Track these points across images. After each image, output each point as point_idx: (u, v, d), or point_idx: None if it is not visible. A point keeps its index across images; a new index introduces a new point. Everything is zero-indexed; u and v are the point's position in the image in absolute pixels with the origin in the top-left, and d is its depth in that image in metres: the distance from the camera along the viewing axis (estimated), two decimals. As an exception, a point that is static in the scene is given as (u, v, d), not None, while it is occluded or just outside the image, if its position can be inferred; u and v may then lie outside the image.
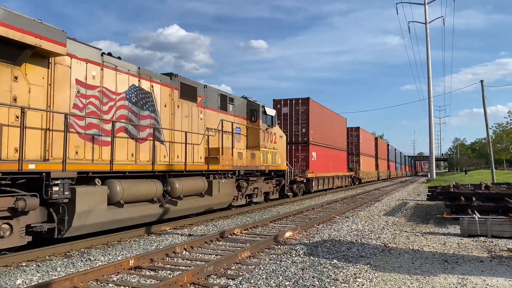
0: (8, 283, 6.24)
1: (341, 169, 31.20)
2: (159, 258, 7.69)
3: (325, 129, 27.07)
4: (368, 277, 6.40)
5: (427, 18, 54.74)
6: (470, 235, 10.12)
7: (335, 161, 29.69)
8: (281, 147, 19.48)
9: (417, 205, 18.85)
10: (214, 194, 13.39)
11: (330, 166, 27.76)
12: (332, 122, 29.39)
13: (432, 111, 54.14)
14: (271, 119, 18.34)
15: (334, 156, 29.31)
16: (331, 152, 28.47)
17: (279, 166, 18.73)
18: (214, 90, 14.84)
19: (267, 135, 17.75)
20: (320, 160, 25.33)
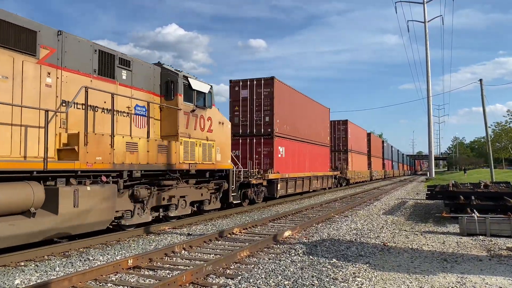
0: (6, 283, 6.22)
1: (322, 168, 26.17)
2: (158, 257, 7.68)
3: (298, 119, 21.96)
4: (367, 276, 6.40)
5: (426, 17, 54.75)
6: (469, 234, 10.13)
7: (314, 159, 24.66)
8: (222, 138, 14.17)
9: (416, 204, 18.86)
10: (64, 212, 8.09)
11: (305, 165, 22.85)
12: (309, 111, 24.30)
13: (431, 110, 54.23)
14: (203, 98, 13.07)
15: (312, 153, 24.22)
16: (307, 148, 23.42)
17: (219, 164, 13.75)
18: (84, 42, 9.54)
19: (195, 119, 12.57)
20: (291, 157, 20.43)
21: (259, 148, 18.60)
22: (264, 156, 18.51)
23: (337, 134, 34.77)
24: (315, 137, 25.21)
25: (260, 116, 18.80)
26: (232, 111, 19.21)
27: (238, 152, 18.30)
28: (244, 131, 18.97)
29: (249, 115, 18.94)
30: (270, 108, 18.67)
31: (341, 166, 33.50)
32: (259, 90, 18.89)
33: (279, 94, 19.24)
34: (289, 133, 20.46)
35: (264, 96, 18.85)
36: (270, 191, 18.25)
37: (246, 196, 16.50)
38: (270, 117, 18.63)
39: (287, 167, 19.84)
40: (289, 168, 20.05)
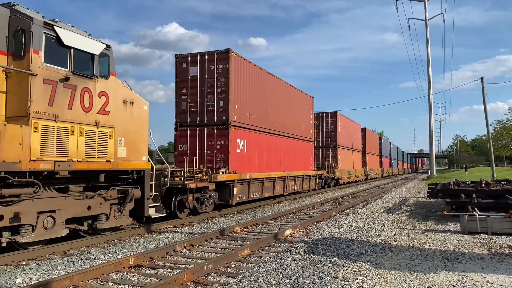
0: (8, 282, 6.23)
1: (302, 167, 22.15)
2: (159, 256, 7.69)
3: (269, 107, 18.09)
4: (368, 275, 6.40)
5: (427, 15, 54.63)
6: (471, 232, 10.12)
7: (292, 156, 20.72)
8: (131, 124, 9.90)
9: (417, 202, 18.85)
10: None
11: (279, 163, 18.95)
12: (286, 98, 20.19)
13: (432, 108, 54.08)
14: (91, 62, 8.90)
15: (288, 149, 20.29)
16: (282, 143, 19.43)
17: (122, 161, 9.59)
18: None
19: (71, 93, 8.38)
20: (256, 153, 16.69)
21: (211, 141, 14.75)
22: (218, 152, 14.66)
23: (325, 128, 31.21)
24: (294, 130, 21.33)
25: (213, 101, 14.82)
26: (178, 95, 15.43)
27: (185, 147, 15.03)
28: (193, 119, 15.12)
29: (200, 99, 14.97)
30: (225, 90, 14.67)
31: (329, 164, 29.74)
32: (212, 67, 14.89)
33: (239, 73, 15.38)
34: (254, 124, 16.51)
35: (218, 75, 14.82)
36: (224, 197, 14.41)
37: (184, 205, 12.55)
38: (225, 102, 14.67)
39: (251, 165, 16.09)
40: (253, 167, 16.26)
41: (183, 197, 12.48)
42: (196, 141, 14.94)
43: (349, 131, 35.70)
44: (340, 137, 31.66)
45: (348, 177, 34.16)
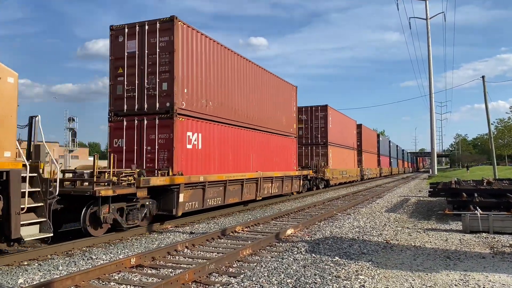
0: (10, 282, 6.24)
1: (282, 166, 19.06)
2: (161, 256, 7.69)
3: (236, 94, 15.02)
4: (370, 274, 6.39)
5: (428, 13, 54.53)
6: (472, 232, 10.11)
7: (268, 154, 17.74)
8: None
9: (419, 202, 18.83)
10: None
11: (250, 162, 15.98)
12: (258, 85, 17.06)
13: (434, 107, 53.96)
14: None
15: (264, 145, 17.33)
16: (254, 138, 16.43)
17: None
18: None
19: None
20: (216, 150, 13.50)
21: (152, 135, 11.69)
22: (160, 148, 11.61)
23: (314, 123, 28.25)
24: (272, 123, 18.20)
25: (154, 83, 11.73)
26: (113, 76, 12.25)
27: (121, 142, 11.96)
28: (130, 107, 11.97)
29: (139, 80, 11.89)
30: (169, 69, 11.59)
31: (318, 164, 26.50)
32: (154, 40, 11.84)
33: (190, 48, 12.24)
34: (213, 113, 13.38)
35: (160, 49, 11.70)
36: (166, 206, 11.24)
37: (94, 219, 9.36)
38: (169, 84, 11.56)
39: (208, 165, 13.01)
40: (211, 167, 13.19)
41: (92, 210, 9.28)
42: (135, 135, 11.86)
43: (343, 127, 32.64)
44: (331, 134, 28.82)
45: (341, 177, 31.21)
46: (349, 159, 34.54)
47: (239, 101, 15.34)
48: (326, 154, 27.98)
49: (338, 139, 30.69)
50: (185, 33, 12.11)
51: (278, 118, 19.15)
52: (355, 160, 36.90)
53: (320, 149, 28.14)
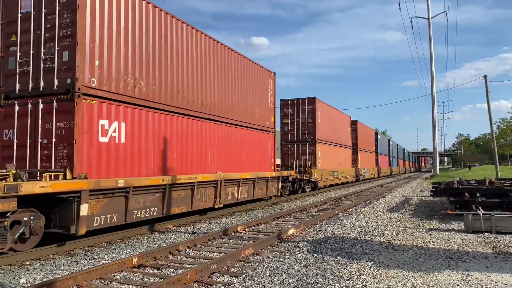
0: (12, 282, 6.25)
1: (254, 166, 16.34)
2: (163, 256, 7.69)
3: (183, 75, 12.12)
4: (372, 274, 6.38)
5: (430, 13, 54.43)
6: (475, 231, 10.08)
7: (234, 151, 14.97)
8: None
9: (421, 201, 18.80)
10: None
11: (207, 160, 13.18)
12: (221, 67, 14.26)
13: (436, 106, 53.88)
14: None
15: (227, 141, 14.44)
16: (213, 131, 13.58)
17: None
18: None
19: None
20: (151, 144, 10.70)
21: (49, 124, 8.80)
22: (59, 141, 8.66)
23: (301, 118, 25.43)
24: (240, 114, 15.45)
25: (53, 52, 8.85)
26: (4, 46, 9.50)
27: (12, 134, 9.17)
28: (23, 86, 9.20)
29: (34, 50, 9.10)
30: (71, 32, 8.74)
31: (303, 163, 23.25)
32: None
33: (106, 5, 9.39)
34: (147, 97, 10.53)
35: (61, 7, 8.90)
36: (62, 222, 8.21)
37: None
38: (71, 52, 8.70)
39: (138, 164, 10.15)
40: (142, 167, 10.29)
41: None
42: (28, 123, 9.01)
43: (334, 123, 29.71)
44: (320, 129, 25.84)
45: (332, 178, 27.87)
46: (342, 158, 31.45)
47: (190, 84, 12.32)
48: (314, 153, 24.91)
49: (328, 136, 27.73)
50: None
51: (249, 108, 16.21)
52: (349, 160, 33.89)
53: (308, 147, 25.10)
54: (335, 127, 29.83)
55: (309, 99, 25.46)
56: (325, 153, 26.68)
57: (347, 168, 32.44)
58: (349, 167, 33.39)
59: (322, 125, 26.37)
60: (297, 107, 25.63)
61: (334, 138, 29.23)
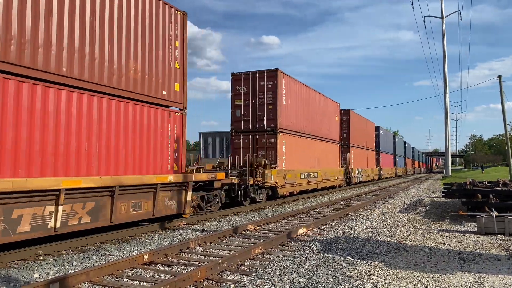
0: (26, 276, 6.35)
1: (142, 168, 10.25)
2: (173, 253, 7.75)
3: None
4: (383, 275, 6.34)
5: (443, 12, 53.82)
6: (487, 233, 9.96)
7: (94, 141, 8.91)
8: None
9: (432, 202, 18.62)
10: None
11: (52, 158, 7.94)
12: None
13: (448, 107, 53.28)
14: None
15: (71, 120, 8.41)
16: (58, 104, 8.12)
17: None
18: None
19: None
20: None
21: None
22: None
23: (259, 99, 18.26)
24: (91, 71, 9.02)
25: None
26: None
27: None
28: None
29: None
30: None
31: (254, 161, 16.24)
32: None
33: None
34: None
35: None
36: None
37: None
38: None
39: None
40: None
41: None
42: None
43: (312, 108, 22.20)
44: (285, 115, 18.68)
45: (305, 183, 20.36)
46: (324, 155, 24.16)
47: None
48: (274, 147, 17.88)
49: (300, 124, 20.49)
50: None
51: (123, 64, 9.86)
52: (337, 158, 26.90)
53: (267, 138, 17.94)
54: (313, 114, 22.52)
55: (269, 72, 18.07)
56: (293, 147, 19.41)
57: (331, 168, 25.30)
58: (335, 166, 26.31)
59: (289, 109, 19.12)
60: (253, 83, 18.18)
61: (310, 128, 21.84)
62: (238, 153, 18.15)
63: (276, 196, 17.76)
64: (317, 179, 22.44)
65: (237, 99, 18.57)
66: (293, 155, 19.60)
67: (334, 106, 26.98)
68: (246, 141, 18.39)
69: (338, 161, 27.31)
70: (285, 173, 18.25)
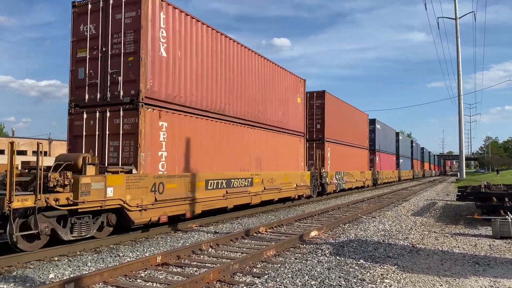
0: (41, 276, 6.46)
1: None
2: (186, 255, 7.79)
3: None
4: (396, 278, 6.30)
5: (457, 13, 53.23)
6: (503, 237, 9.81)
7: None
8: None
9: (446, 206, 18.40)
10: None
11: None
12: None
13: (463, 109, 52.61)
14: None
15: None
16: None
17: None
18: None
19: None
20: None
21: None
22: None
23: (114, 45, 10.15)
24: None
25: None
26: None
27: None
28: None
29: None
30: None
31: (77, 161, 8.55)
32: None
33: None
34: None
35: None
36: None
37: None
38: None
39: None
40: None
41: None
42: None
43: (238, 75, 14.05)
44: (164, 75, 10.57)
45: (220, 196, 12.43)
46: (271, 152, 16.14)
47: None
48: (136, 132, 9.72)
49: (201, 94, 11.98)
50: None
51: None
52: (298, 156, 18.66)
53: (123, 118, 9.92)
54: (239, 82, 14.07)
55: None
56: (177, 135, 10.95)
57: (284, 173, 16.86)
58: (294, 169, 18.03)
59: (172, 64, 10.82)
60: (104, 20, 10.32)
61: (231, 103, 13.56)
62: (79, 143, 10.40)
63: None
64: (250, 189, 14.13)
65: (80, 47, 10.65)
66: (182, 150, 11.19)
67: (294, 82, 18.49)
68: (90, 122, 10.35)
69: (301, 161, 18.84)
70: (158, 181, 9.98)
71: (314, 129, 22.31)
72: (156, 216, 9.85)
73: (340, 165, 24.64)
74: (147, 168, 9.85)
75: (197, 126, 11.83)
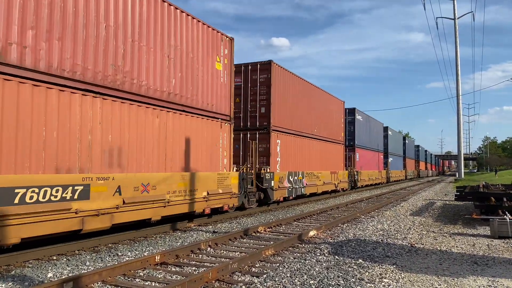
0: (40, 275, 6.45)
1: None
2: (184, 254, 7.80)
3: None
4: (394, 278, 6.31)
5: (456, 13, 53.29)
6: (501, 237, 9.82)
7: None
8: None
9: (445, 205, 18.43)
10: None
11: None
12: None
13: (461, 109, 52.64)
14: None
15: None
16: None
17: None
18: None
19: None
20: None
21: None
22: None
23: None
24: None
25: None
26: None
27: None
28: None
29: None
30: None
31: None
32: None
33: None
34: None
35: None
36: None
37: None
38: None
39: None
40: None
41: None
42: None
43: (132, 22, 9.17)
44: None
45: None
46: (134, 144, 9.30)
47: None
48: None
49: None
50: None
51: None
52: (219, 152, 12.59)
53: None
54: None
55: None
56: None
57: (191, 174, 11.08)
58: (212, 169, 12.23)
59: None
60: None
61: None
62: None
63: None
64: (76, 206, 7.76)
65: None
66: None
67: (210, 36, 12.24)
68: None
69: (223, 157, 12.84)
70: None
71: (257, 114, 16.46)
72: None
73: (297, 163, 18.55)
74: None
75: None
